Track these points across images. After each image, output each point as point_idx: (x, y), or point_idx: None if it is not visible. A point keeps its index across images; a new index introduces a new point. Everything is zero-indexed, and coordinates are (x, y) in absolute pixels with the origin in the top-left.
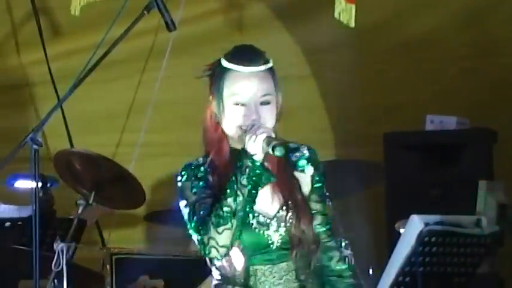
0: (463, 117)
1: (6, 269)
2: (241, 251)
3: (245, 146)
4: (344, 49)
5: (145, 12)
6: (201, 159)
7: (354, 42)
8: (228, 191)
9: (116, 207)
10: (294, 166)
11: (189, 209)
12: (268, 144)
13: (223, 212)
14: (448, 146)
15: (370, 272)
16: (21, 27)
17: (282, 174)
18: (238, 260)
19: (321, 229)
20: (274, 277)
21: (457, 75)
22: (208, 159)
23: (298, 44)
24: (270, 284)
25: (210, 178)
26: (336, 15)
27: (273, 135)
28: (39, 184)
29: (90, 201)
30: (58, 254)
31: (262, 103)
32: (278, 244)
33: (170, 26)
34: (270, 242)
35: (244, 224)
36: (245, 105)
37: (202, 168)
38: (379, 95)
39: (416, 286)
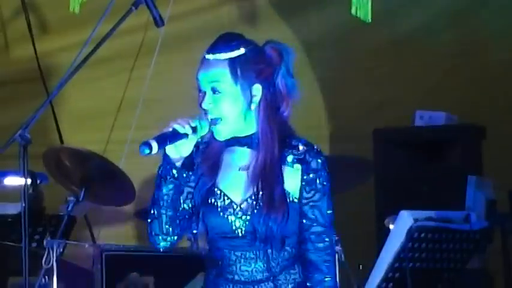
0: (452, 113)
1: None
2: (205, 230)
3: None
4: (333, 46)
5: (133, 8)
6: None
7: (343, 39)
8: (156, 182)
9: (106, 204)
10: (284, 161)
11: None
12: None
13: (152, 201)
14: (437, 142)
15: (360, 268)
16: (10, 24)
17: (260, 165)
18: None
19: (308, 236)
20: (240, 263)
21: (446, 72)
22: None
23: (288, 40)
24: (237, 270)
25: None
26: (353, 11)
27: (169, 131)
28: (29, 181)
29: (80, 198)
30: (48, 251)
31: (214, 91)
32: (243, 232)
33: (158, 21)
34: (234, 227)
35: (208, 205)
36: (201, 92)
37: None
38: (368, 91)
39: (405, 282)
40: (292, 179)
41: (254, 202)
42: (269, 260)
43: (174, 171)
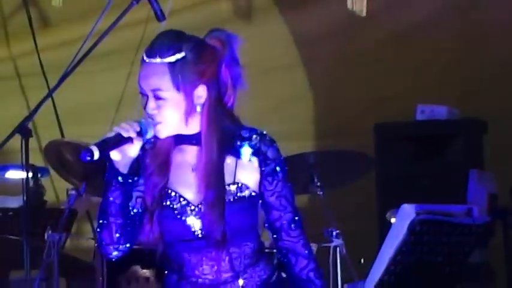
0: (454, 107)
1: None
2: (160, 234)
3: None
4: (334, 40)
5: (134, 2)
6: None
7: (344, 32)
8: (103, 189)
9: None
10: (237, 154)
11: None
12: None
13: (100, 210)
14: (439, 136)
15: (362, 261)
16: (11, 18)
17: (202, 164)
18: (160, 245)
19: (279, 225)
20: (202, 265)
21: (448, 65)
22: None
23: (289, 34)
24: (201, 273)
25: (148, 158)
26: (349, 5)
27: (106, 138)
28: (30, 174)
29: (81, 192)
30: (49, 244)
31: (156, 97)
32: (203, 233)
33: (160, 16)
34: (193, 229)
35: (164, 208)
36: (144, 96)
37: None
38: (369, 85)
39: (407, 275)
40: (249, 173)
41: (203, 200)
42: (231, 259)
43: (120, 178)
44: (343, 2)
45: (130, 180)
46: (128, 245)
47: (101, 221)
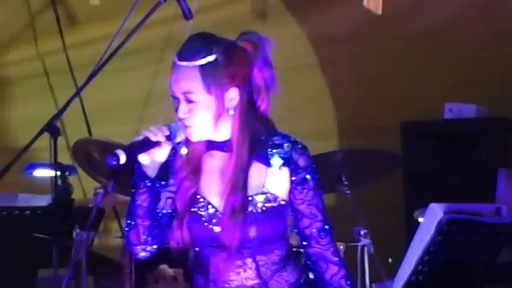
0: (482, 106)
1: (26, 257)
2: (190, 239)
3: None
4: (361, 38)
5: (162, 1)
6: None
7: (371, 31)
8: (131, 192)
9: None
10: (268, 163)
11: None
12: None
13: (128, 211)
14: (466, 134)
15: (390, 261)
16: (39, 17)
17: (231, 169)
18: (190, 249)
19: (309, 233)
20: (228, 271)
21: (473, 64)
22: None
23: (311, 33)
24: (227, 279)
25: (178, 162)
26: (365, 3)
27: (134, 142)
28: (58, 173)
29: (109, 190)
30: (77, 243)
31: (187, 101)
32: (228, 240)
33: (187, 14)
34: (215, 236)
35: (192, 214)
36: (176, 99)
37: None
38: (396, 83)
39: (435, 275)
40: (279, 181)
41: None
42: (258, 266)
43: (148, 181)
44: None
45: (158, 185)
46: (155, 246)
47: (128, 221)
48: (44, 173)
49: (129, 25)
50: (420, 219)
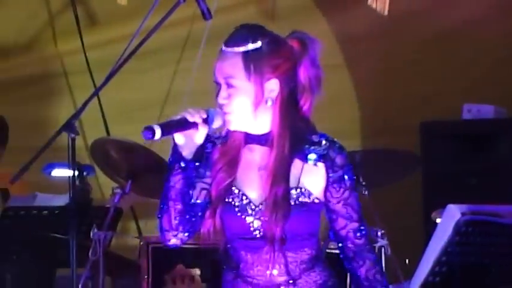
0: (501, 107)
1: (44, 257)
2: (222, 230)
3: None
4: (379, 38)
5: (181, 1)
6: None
7: (390, 31)
8: (165, 174)
9: (152, 196)
10: (305, 158)
11: None
12: None
13: (162, 195)
14: (485, 135)
15: (407, 262)
16: (58, 17)
17: (270, 164)
18: (222, 241)
19: (345, 234)
20: (258, 265)
21: (492, 64)
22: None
23: (333, 33)
24: (256, 273)
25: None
26: (369, 2)
27: (169, 120)
28: (76, 173)
29: (127, 190)
30: (95, 243)
31: (228, 86)
32: (261, 234)
33: (206, 14)
34: (252, 229)
35: (226, 204)
36: (218, 86)
37: (209, 145)
38: (416, 84)
39: (453, 276)
40: (315, 178)
41: (266, 201)
42: (287, 262)
43: (182, 163)
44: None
45: (192, 166)
46: (186, 234)
47: (161, 206)
48: (62, 172)
49: (148, 25)
50: (438, 220)
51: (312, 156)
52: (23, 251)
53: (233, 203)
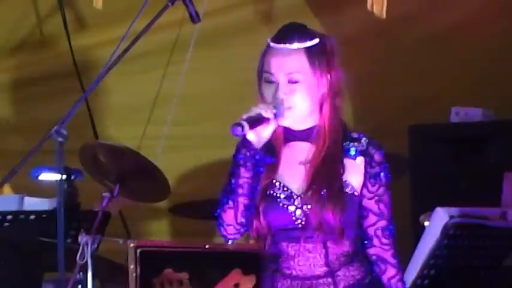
0: (489, 109)
1: (31, 261)
2: (266, 225)
3: None
4: (371, 40)
5: (169, 4)
6: None
7: (381, 33)
8: (233, 168)
9: (141, 200)
10: (346, 153)
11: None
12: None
13: (228, 189)
14: (473, 138)
15: None
16: (46, 19)
17: (322, 160)
18: (263, 234)
19: (373, 231)
20: (298, 256)
21: (482, 67)
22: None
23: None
24: (295, 265)
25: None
26: (369, 6)
27: (260, 115)
28: (64, 176)
29: (115, 194)
30: (83, 247)
31: (290, 81)
32: (303, 223)
33: (194, 18)
34: (294, 218)
35: (268, 197)
36: (273, 83)
37: None
38: (405, 86)
39: (441, 279)
40: (354, 172)
41: (315, 193)
42: (327, 253)
43: (257, 157)
44: (379, 3)
45: (263, 162)
46: (246, 229)
47: (225, 201)
48: (50, 176)
49: (137, 28)
50: (426, 223)
51: (353, 151)
52: (10, 255)
53: (275, 194)
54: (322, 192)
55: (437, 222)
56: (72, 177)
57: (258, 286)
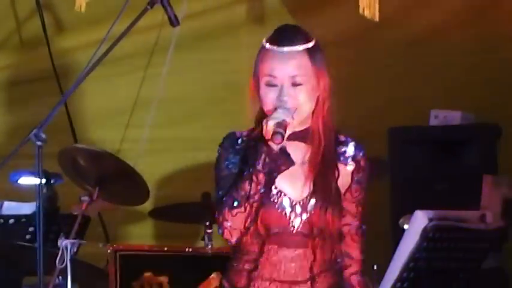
0: (468, 112)
1: (11, 265)
2: (261, 228)
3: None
4: (349, 44)
5: (148, 7)
6: (243, 132)
7: (359, 37)
8: (245, 173)
9: (121, 203)
10: (338, 157)
11: (216, 181)
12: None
13: (238, 194)
14: (453, 141)
15: (375, 267)
16: (25, 23)
17: (319, 162)
18: (256, 237)
19: (347, 230)
20: (288, 260)
21: (461, 70)
22: (254, 133)
23: None
24: (281, 267)
25: (246, 152)
26: (360, 11)
27: (280, 122)
28: (43, 180)
29: (94, 197)
30: (62, 251)
31: (294, 84)
32: (298, 229)
33: (173, 21)
34: (290, 225)
35: (267, 202)
36: (276, 86)
37: (240, 140)
38: (384, 89)
39: (420, 282)
40: (344, 176)
41: (312, 197)
42: (315, 260)
43: (279, 162)
44: (358, 6)
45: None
46: (245, 234)
47: (238, 205)
48: (29, 180)
49: (116, 31)
50: (406, 226)
51: (343, 155)
52: None
53: (272, 199)
54: (322, 198)
55: (416, 225)
56: (52, 181)
57: None
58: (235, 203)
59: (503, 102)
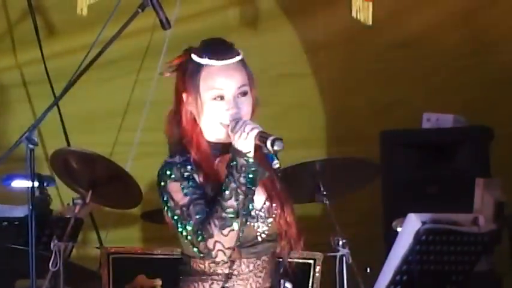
0: (460, 115)
1: (3, 268)
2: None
3: (234, 144)
4: (341, 47)
5: (139, 10)
6: (180, 158)
7: (351, 40)
8: (227, 192)
9: (113, 206)
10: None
11: (181, 211)
12: (262, 140)
13: (226, 213)
14: (445, 143)
15: (368, 270)
16: (17, 26)
17: (264, 166)
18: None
19: None
20: (257, 270)
21: (453, 73)
22: (191, 157)
23: (296, 41)
24: (253, 276)
25: (197, 177)
26: (354, 14)
27: (262, 129)
28: (36, 184)
29: (87, 200)
30: (55, 254)
31: (240, 94)
32: (264, 236)
33: (165, 24)
34: (257, 233)
35: None
36: (224, 99)
37: (188, 167)
38: (376, 93)
39: (413, 284)
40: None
41: (276, 204)
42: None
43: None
44: (351, 9)
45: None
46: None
47: (230, 224)
48: (22, 183)
49: (108, 35)
50: (399, 229)
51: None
52: None
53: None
54: (283, 202)
55: (409, 228)
56: (44, 184)
57: None
58: (226, 223)
59: (496, 105)
